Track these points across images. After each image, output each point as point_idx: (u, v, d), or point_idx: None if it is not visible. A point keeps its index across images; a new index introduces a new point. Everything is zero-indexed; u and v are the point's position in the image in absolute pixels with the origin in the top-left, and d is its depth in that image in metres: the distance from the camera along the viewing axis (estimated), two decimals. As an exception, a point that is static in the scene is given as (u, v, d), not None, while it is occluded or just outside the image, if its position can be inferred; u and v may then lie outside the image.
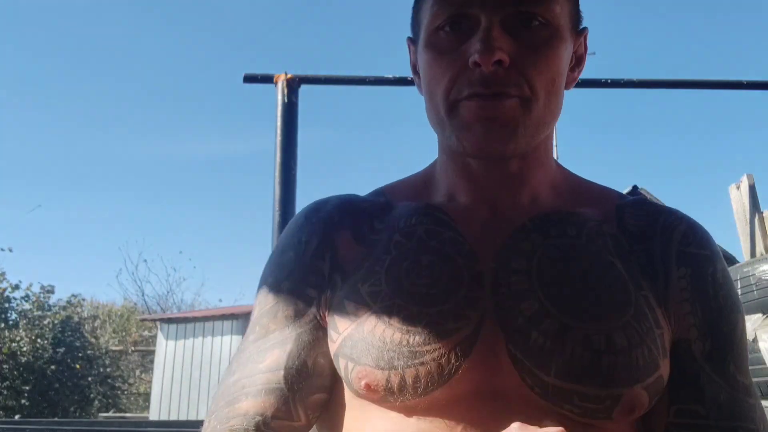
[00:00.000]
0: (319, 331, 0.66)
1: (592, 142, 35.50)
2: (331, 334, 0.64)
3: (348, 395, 0.64)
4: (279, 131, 2.16)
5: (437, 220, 0.68)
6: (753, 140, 31.35)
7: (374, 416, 0.61)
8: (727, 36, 33.99)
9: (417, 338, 0.59)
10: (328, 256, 0.68)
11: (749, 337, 2.68)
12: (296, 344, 0.65)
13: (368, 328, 0.61)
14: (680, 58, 32.68)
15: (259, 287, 0.71)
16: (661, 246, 0.67)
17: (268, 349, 0.65)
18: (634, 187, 12.52)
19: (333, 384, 0.66)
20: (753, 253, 3.05)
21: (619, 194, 0.76)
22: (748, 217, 3.09)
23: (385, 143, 38.73)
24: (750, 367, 2.29)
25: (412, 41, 0.73)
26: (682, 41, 33.24)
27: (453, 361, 0.58)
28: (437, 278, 0.63)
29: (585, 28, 0.72)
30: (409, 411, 0.59)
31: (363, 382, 0.60)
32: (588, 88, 2.45)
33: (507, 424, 0.50)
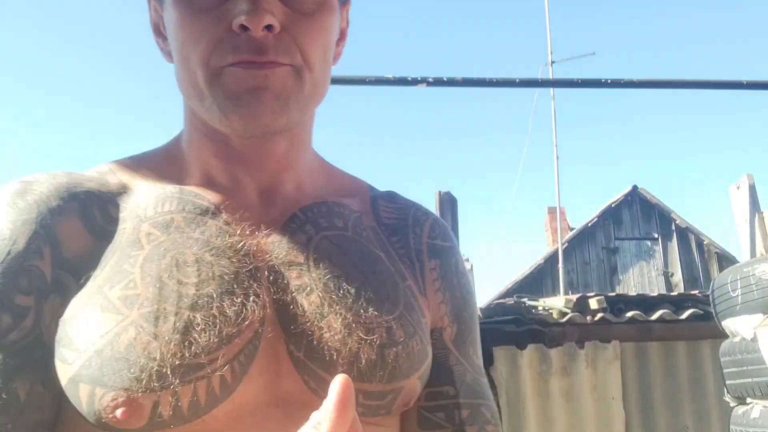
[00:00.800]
0: (37, 350, 0.50)
1: (592, 142, 35.50)
2: (64, 353, 0.49)
3: None
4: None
5: (198, 207, 0.58)
6: (753, 140, 31.35)
7: None
8: (727, 36, 33.97)
9: (194, 349, 0.49)
10: (47, 251, 0.53)
11: (749, 336, 2.68)
12: None
13: (126, 342, 0.48)
14: (681, 58, 32.67)
15: None
16: (414, 239, 0.68)
17: None
18: (634, 187, 12.56)
19: (57, 420, 0.51)
20: (753, 253, 3.05)
21: (369, 186, 0.74)
22: (748, 217, 3.09)
23: (386, 143, 38.74)
24: (750, 367, 2.30)
25: None
26: (682, 41, 33.23)
27: (237, 370, 0.50)
28: (208, 276, 0.53)
29: (349, 0, 0.68)
30: None
31: (119, 411, 0.47)
32: (588, 88, 2.45)
33: None
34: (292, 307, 0.55)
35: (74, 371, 0.49)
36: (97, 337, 0.49)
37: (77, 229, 0.55)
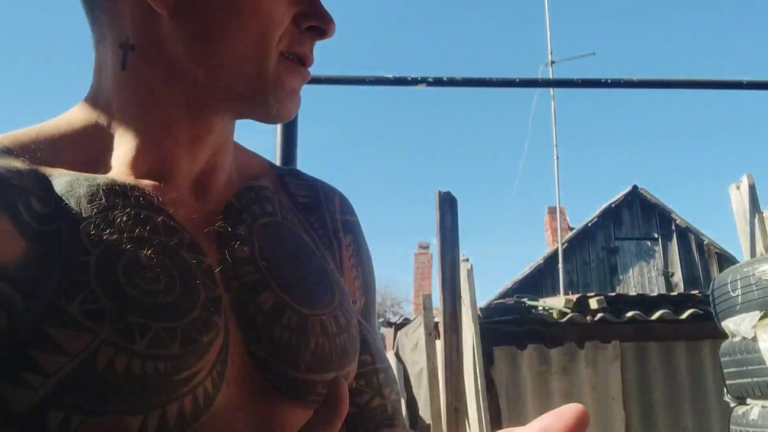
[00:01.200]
0: None
1: (592, 142, 35.50)
2: (28, 378, 0.43)
3: None
4: (279, 131, 2.16)
5: (138, 199, 0.51)
6: (753, 140, 31.35)
7: None
8: (727, 36, 33.98)
9: (176, 363, 0.46)
10: None
11: (749, 336, 2.68)
12: None
13: (104, 362, 0.43)
14: (681, 58, 32.67)
15: None
16: (329, 216, 0.66)
17: None
18: (634, 187, 12.56)
19: None
20: (753, 253, 3.05)
21: (269, 162, 0.70)
22: (748, 217, 3.09)
23: (386, 143, 38.73)
24: (750, 367, 2.29)
25: None
26: (682, 41, 33.24)
27: (216, 378, 0.48)
28: (170, 280, 0.48)
29: None
30: None
31: None
32: (588, 88, 2.45)
33: None
34: (249, 306, 0.53)
35: (40, 396, 0.42)
36: (67, 358, 0.43)
37: (6, 229, 0.44)
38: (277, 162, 2.14)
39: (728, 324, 2.84)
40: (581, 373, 4.27)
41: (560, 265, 9.88)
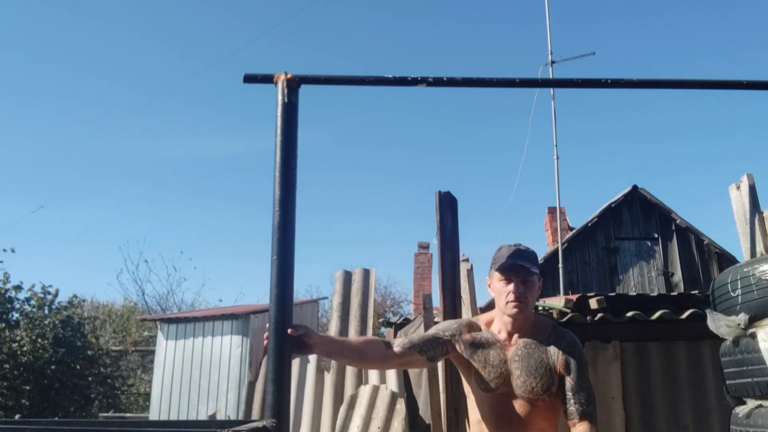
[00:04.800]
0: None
1: (592, 142, 35.47)
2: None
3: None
4: (279, 131, 2.16)
5: (492, 337, 2.27)
6: (753, 140, 31.34)
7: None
8: (727, 36, 33.95)
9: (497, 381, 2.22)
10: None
11: (728, 337, 2.68)
12: None
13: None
14: (680, 58, 32.65)
15: None
16: (564, 350, 2.19)
17: None
18: (634, 187, 12.54)
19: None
20: (753, 253, 3.04)
21: (552, 324, 2.30)
22: (748, 217, 3.09)
23: (386, 143, 38.71)
24: (750, 367, 2.30)
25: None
26: (682, 41, 33.20)
27: (503, 387, 2.20)
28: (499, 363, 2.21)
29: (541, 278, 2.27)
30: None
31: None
32: (588, 88, 2.45)
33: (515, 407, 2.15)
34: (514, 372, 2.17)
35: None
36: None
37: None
38: (276, 163, 2.14)
39: (710, 324, 2.84)
40: (581, 373, 4.28)
41: (560, 265, 9.88)
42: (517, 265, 2.13)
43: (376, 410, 5.22)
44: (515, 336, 2.16)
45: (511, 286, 2.11)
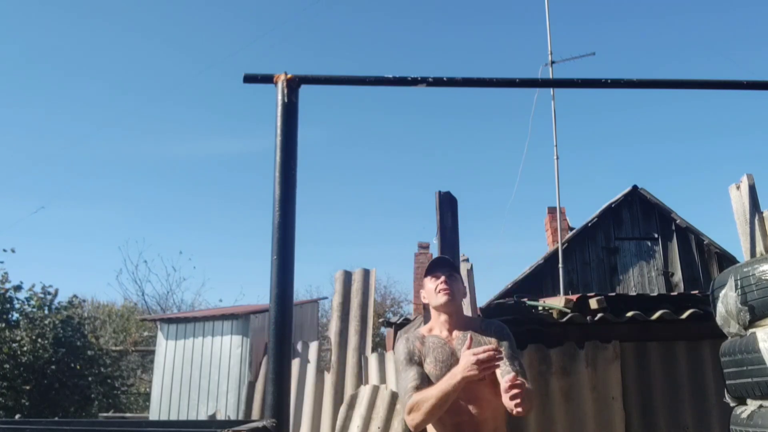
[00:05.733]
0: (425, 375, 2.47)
1: (593, 142, 35.46)
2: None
3: None
4: (279, 131, 2.16)
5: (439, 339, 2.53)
6: (753, 140, 31.33)
7: None
8: (727, 36, 33.94)
9: (443, 370, 2.43)
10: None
11: (738, 325, 2.68)
12: None
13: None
14: (680, 58, 32.64)
15: None
16: (495, 335, 2.51)
17: None
18: (634, 187, 12.54)
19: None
20: (753, 253, 3.04)
21: (480, 317, 3.06)
22: (748, 217, 3.09)
23: (386, 143, 38.68)
24: (750, 367, 2.29)
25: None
26: (682, 41, 33.20)
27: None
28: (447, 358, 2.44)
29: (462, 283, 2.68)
30: None
31: None
32: (588, 88, 2.45)
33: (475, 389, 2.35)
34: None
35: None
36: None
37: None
38: (276, 163, 2.14)
39: (719, 319, 2.84)
40: (581, 373, 4.27)
41: (560, 265, 9.88)
42: (439, 261, 2.60)
43: (376, 410, 5.22)
44: (454, 332, 2.49)
45: (440, 280, 2.48)
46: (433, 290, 2.49)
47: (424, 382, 2.32)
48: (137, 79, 34.41)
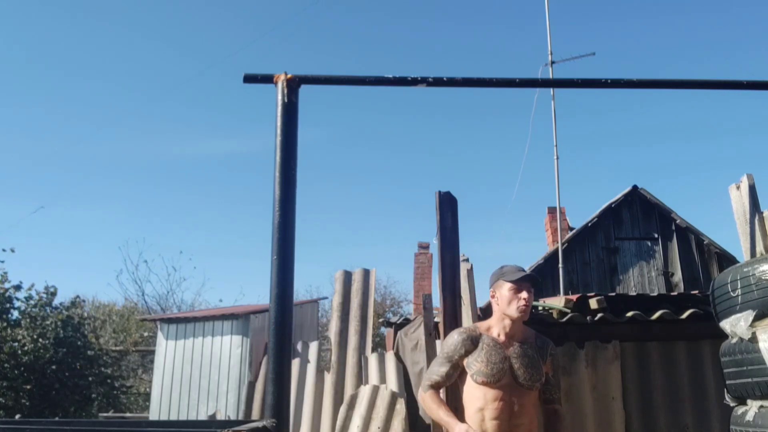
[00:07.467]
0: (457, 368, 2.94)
1: (593, 142, 35.45)
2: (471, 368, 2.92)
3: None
4: (279, 131, 2.16)
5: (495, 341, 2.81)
6: (753, 140, 31.34)
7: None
8: (727, 36, 33.94)
9: (498, 375, 2.78)
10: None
11: (746, 336, 2.68)
12: None
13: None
14: (680, 58, 32.64)
15: None
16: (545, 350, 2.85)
17: None
18: (634, 187, 12.54)
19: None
20: (753, 253, 3.04)
21: (535, 332, 2.89)
22: (748, 217, 3.09)
23: (386, 143, 38.68)
24: (750, 367, 2.29)
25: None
26: (682, 41, 33.20)
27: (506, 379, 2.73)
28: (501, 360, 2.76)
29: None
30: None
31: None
32: (588, 88, 2.45)
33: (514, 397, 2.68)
34: (514, 365, 2.72)
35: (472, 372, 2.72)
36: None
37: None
38: (276, 163, 2.14)
39: (725, 325, 2.83)
40: (581, 373, 4.27)
41: (560, 265, 9.88)
42: (529, 276, 2.76)
43: (376, 410, 5.22)
44: (511, 339, 2.74)
45: (523, 293, 2.70)
46: (511, 299, 2.72)
47: (447, 381, 2.78)
48: (137, 79, 34.42)
